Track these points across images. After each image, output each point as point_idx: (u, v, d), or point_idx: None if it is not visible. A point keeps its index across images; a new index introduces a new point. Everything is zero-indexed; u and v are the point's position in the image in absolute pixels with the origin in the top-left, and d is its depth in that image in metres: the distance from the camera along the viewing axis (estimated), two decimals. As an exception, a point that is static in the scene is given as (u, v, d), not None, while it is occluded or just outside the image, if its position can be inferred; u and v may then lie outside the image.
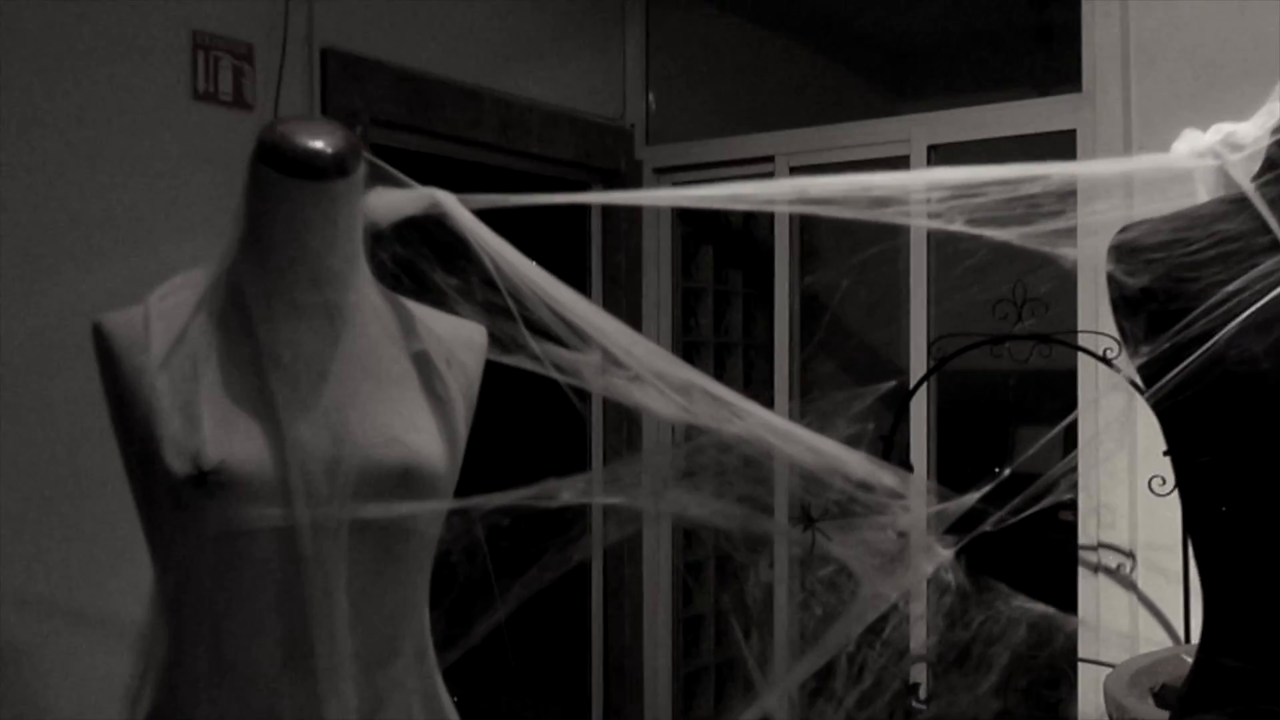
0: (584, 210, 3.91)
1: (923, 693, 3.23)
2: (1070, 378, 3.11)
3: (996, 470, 2.04)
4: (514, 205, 1.49)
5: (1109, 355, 2.82)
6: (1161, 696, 2.46)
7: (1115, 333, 2.88)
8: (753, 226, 4.34)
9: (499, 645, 1.60)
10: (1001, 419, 3.93)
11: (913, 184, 1.36)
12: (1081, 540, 3.15)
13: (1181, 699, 1.30)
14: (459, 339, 1.51)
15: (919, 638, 3.39)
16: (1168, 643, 3.00)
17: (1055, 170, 1.32)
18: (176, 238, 2.59)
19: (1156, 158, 1.29)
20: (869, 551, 1.26)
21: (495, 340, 1.50)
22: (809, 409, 1.35)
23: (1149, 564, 3.07)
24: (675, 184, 3.99)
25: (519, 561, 1.54)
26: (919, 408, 3.25)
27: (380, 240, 1.48)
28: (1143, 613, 3.10)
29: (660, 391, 1.36)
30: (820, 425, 1.35)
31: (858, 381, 1.53)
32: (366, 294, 1.46)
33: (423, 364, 1.46)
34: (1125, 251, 1.29)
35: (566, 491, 1.35)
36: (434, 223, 1.46)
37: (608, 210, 3.91)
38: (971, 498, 1.29)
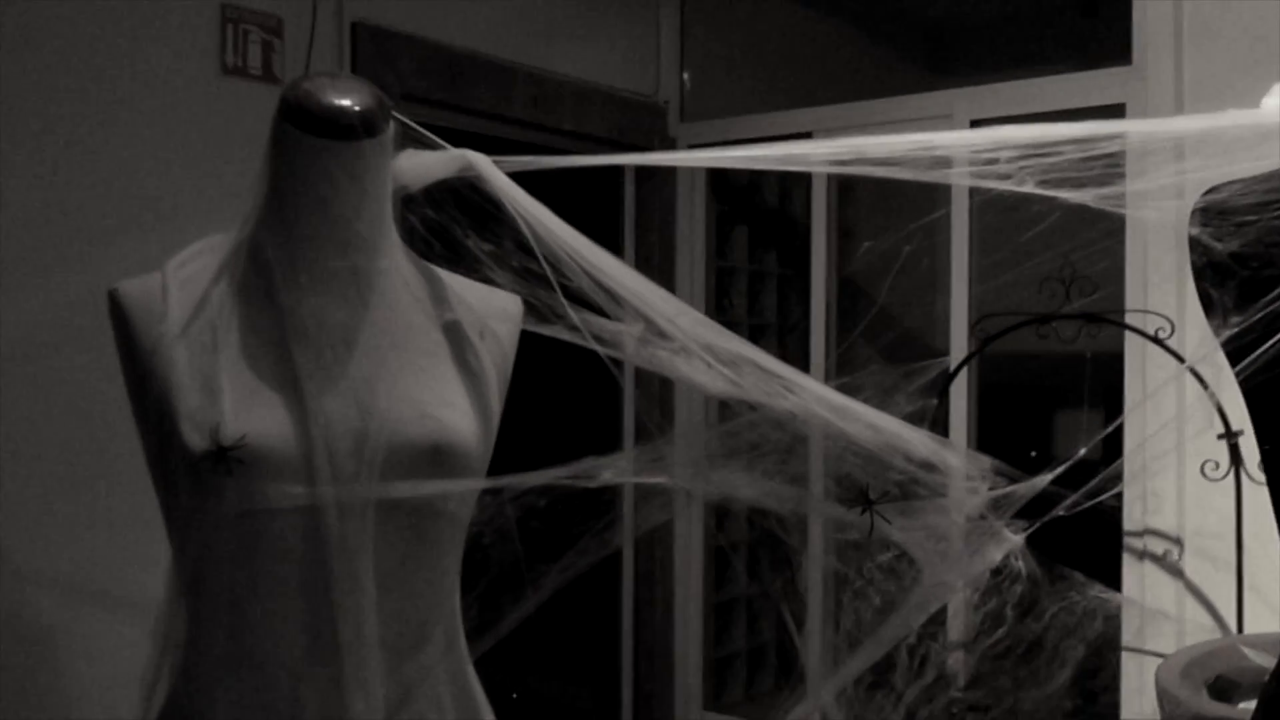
0: (617, 190, 3.81)
1: (961, 680, 3.12)
2: (1116, 360, 2.99)
3: (1033, 454, 1.94)
4: (549, 167, 1.39)
5: (1160, 335, 2.69)
6: (1217, 688, 2.35)
7: (1166, 311, 2.78)
8: (788, 206, 4.23)
9: (528, 627, 1.51)
10: (1042, 403, 3.81)
11: (978, 142, 1.25)
12: (1127, 526, 3.03)
13: (1270, 695, 1.19)
14: (492, 309, 1.41)
15: (958, 625, 3.29)
16: (1216, 633, 2.87)
17: (1133, 128, 1.21)
18: (205, 213, 2.50)
19: (1247, 113, 1.17)
20: (932, 536, 1.15)
21: (531, 310, 1.39)
22: (866, 381, 1.25)
23: (1198, 551, 2.95)
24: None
25: (553, 545, 1.45)
26: (959, 390, 3.13)
27: (410, 204, 1.38)
28: (1190, 601, 2.98)
29: (707, 364, 1.26)
30: (875, 403, 1.24)
31: (896, 365, 1.43)
32: (396, 261, 1.36)
33: (454, 335, 1.36)
34: (1213, 214, 1.18)
35: (608, 470, 1.25)
36: (467, 186, 1.37)
37: (641, 190, 3.81)
38: (1044, 479, 1.18)
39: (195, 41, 2.58)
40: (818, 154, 1.41)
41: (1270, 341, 1.09)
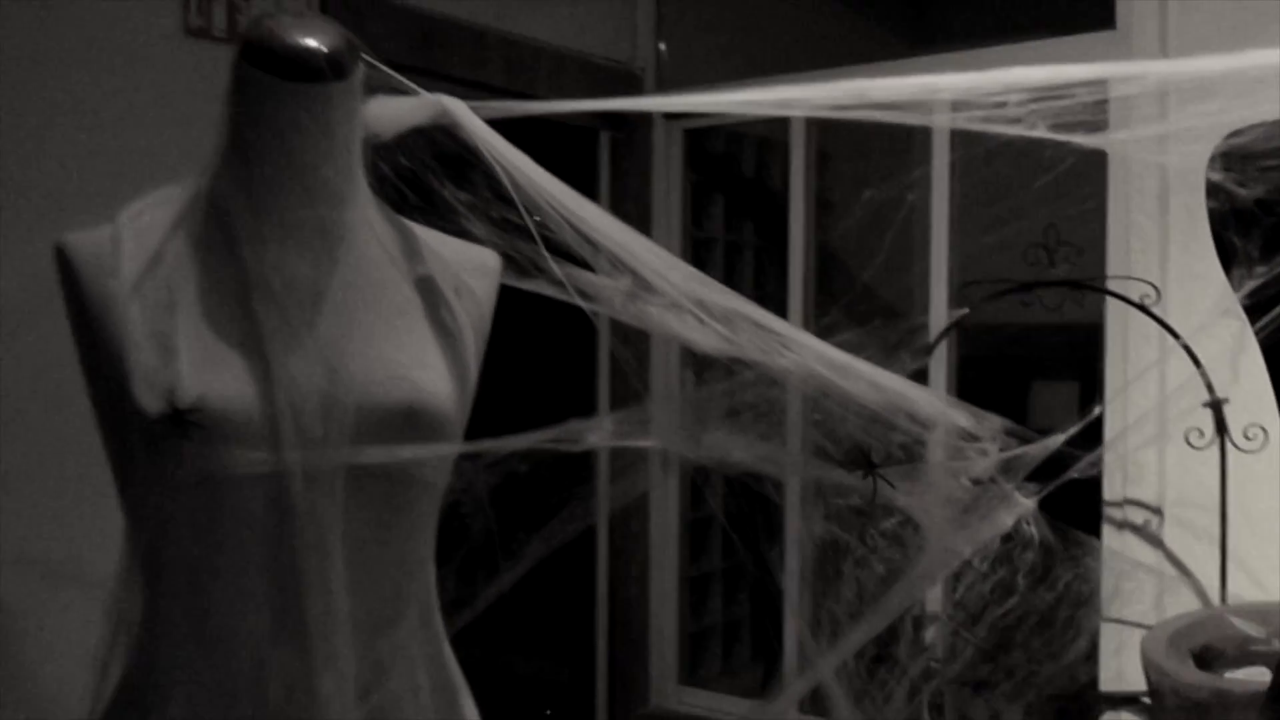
0: (593, 159, 3.70)
1: (939, 652, 3.06)
2: (1096, 331, 2.92)
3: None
4: (528, 114, 1.28)
5: (1146, 302, 2.62)
6: (1202, 659, 2.29)
7: (1150, 278, 2.71)
8: (765, 177, 4.13)
9: (502, 603, 1.42)
10: (1023, 373, 3.74)
11: (986, 85, 1.16)
12: (1107, 496, 2.97)
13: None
14: (469, 263, 1.31)
15: (934, 596, 3.23)
16: (1195, 604, 2.82)
17: (1150, 69, 1.12)
18: (167, 177, 2.39)
19: (1274, 52, 1.08)
20: (938, 501, 1.07)
21: (511, 264, 1.29)
22: (869, 340, 1.16)
23: (1178, 521, 2.89)
24: (686, 130, 3.78)
25: (533, 514, 1.36)
26: (938, 361, 3.05)
27: (382, 152, 1.28)
28: (1170, 573, 2.93)
29: (700, 320, 1.16)
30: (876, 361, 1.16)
31: (875, 335, 1.35)
32: (365, 212, 1.26)
33: (428, 291, 1.26)
34: (1236, 158, 1.09)
35: (592, 434, 1.15)
36: (442, 133, 1.26)
37: (617, 159, 3.71)
38: (1056, 439, 1.10)
39: (158, 2, 2.46)
40: (816, 98, 1.32)
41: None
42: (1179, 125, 1.12)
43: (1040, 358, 3.62)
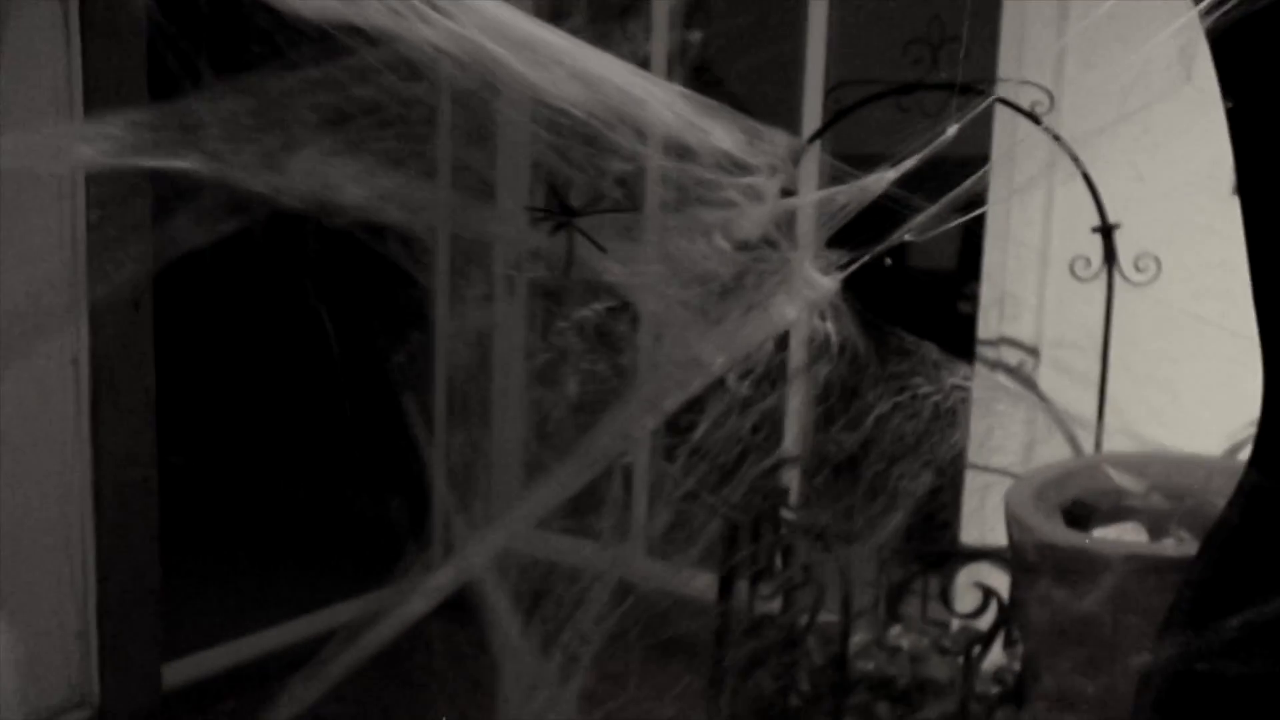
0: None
1: (792, 499, 2.69)
2: (983, 140, 2.48)
3: (888, 262, 1.45)
4: None
5: (1037, 110, 2.18)
6: (1073, 514, 1.92)
7: (1044, 82, 2.27)
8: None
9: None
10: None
11: None
12: (981, 334, 2.59)
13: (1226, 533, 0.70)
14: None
15: (790, 434, 2.85)
16: (1067, 453, 2.46)
17: None
18: None
19: None
20: (676, 275, 0.62)
21: None
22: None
23: (1055, 363, 2.52)
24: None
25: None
26: (809, 173, 2.58)
27: None
28: (1042, 420, 2.56)
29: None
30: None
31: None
32: None
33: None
34: None
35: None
36: None
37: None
38: (882, 177, 0.65)
39: None
40: None
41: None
42: None
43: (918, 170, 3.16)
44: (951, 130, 0.78)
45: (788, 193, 0.68)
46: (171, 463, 2.80)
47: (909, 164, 0.70)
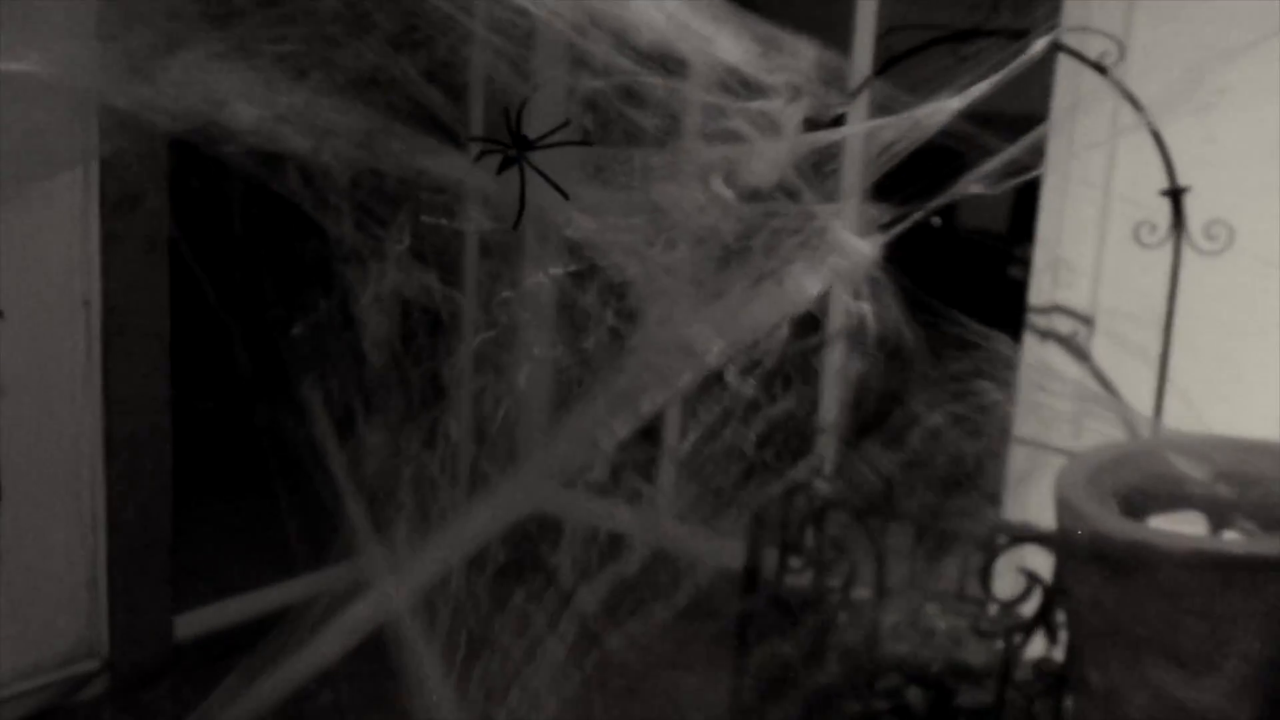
0: None
1: (826, 468, 2.53)
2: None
3: (936, 221, 1.29)
4: None
5: (1105, 61, 1.98)
6: (1129, 501, 1.76)
7: (1112, 29, 2.08)
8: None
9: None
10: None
11: None
12: (1032, 300, 2.41)
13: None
14: None
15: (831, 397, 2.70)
16: (1120, 432, 2.29)
17: None
18: None
19: None
20: (668, 228, 0.47)
21: None
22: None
23: (1110, 334, 2.33)
24: None
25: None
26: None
27: None
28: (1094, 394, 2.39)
29: None
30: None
31: None
32: None
33: None
34: None
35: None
36: None
37: None
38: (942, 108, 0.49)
39: None
40: None
41: None
42: None
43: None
44: (1018, 62, 0.63)
45: (814, 125, 0.52)
46: (199, 409, 2.69)
47: (976, 91, 0.55)
